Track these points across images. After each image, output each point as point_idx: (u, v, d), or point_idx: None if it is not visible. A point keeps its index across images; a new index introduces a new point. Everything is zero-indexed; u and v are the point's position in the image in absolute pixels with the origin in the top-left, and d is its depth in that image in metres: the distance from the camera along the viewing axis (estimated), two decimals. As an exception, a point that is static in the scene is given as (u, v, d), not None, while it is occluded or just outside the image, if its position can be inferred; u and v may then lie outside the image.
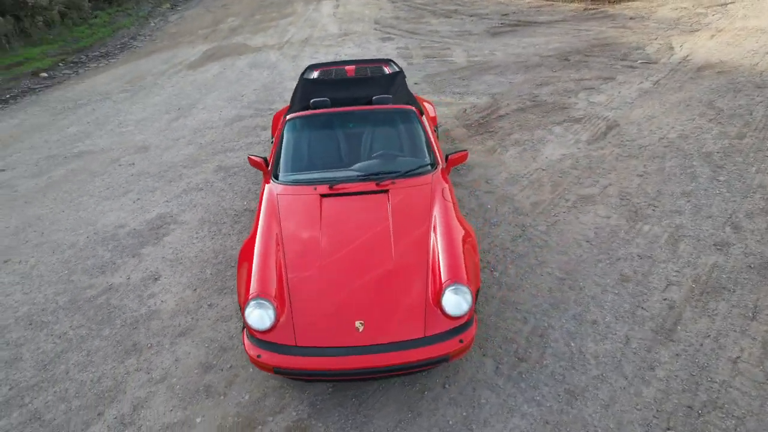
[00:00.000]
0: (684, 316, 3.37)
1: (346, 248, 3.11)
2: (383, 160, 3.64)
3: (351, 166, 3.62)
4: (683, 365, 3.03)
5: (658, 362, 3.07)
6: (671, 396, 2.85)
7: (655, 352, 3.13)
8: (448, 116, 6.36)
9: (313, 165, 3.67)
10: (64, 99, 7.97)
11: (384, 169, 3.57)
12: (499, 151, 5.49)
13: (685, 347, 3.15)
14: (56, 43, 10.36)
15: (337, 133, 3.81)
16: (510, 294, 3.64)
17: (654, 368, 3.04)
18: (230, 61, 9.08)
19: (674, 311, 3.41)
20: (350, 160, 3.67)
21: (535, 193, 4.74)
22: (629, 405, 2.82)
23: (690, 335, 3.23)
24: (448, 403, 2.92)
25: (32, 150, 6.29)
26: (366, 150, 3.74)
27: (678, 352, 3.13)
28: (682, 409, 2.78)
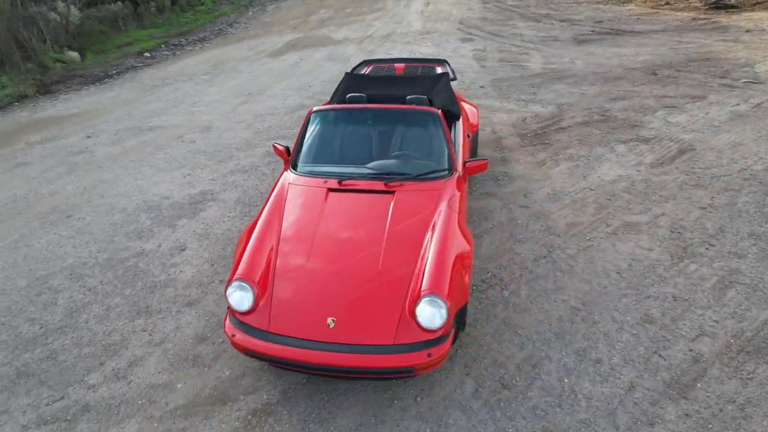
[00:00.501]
0: (709, 373, 2.96)
1: (338, 244, 3.11)
2: (399, 161, 3.58)
3: (367, 163, 3.60)
4: (691, 428, 2.67)
5: (660, 419, 2.72)
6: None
7: (661, 407, 2.78)
8: (505, 124, 6.09)
9: (329, 159, 3.70)
10: (155, 77, 8.75)
11: (397, 170, 3.51)
12: (548, 165, 5.17)
13: (700, 409, 2.76)
14: (163, 26, 11.40)
15: (358, 129, 3.80)
16: (514, 316, 3.42)
17: (654, 425, 2.70)
18: (309, 52, 9.39)
19: (699, 366, 3.00)
20: (367, 158, 3.64)
21: (574, 214, 4.40)
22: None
23: (710, 396, 2.83)
24: (414, 416, 2.81)
25: (116, 121, 6.98)
26: (384, 149, 3.70)
27: (689, 412, 2.75)
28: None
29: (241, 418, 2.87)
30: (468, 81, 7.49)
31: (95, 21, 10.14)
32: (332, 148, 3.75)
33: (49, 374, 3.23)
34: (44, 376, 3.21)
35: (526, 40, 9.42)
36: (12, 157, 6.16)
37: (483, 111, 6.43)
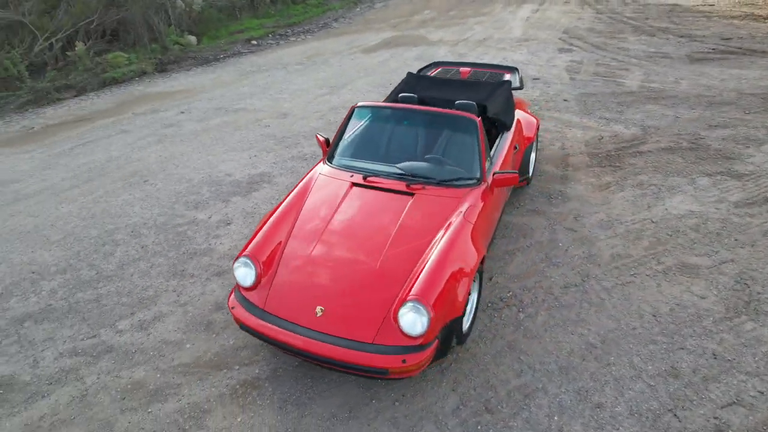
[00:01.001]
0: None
1: (345, 238, 3.16)
2: (428, 164, 3.53)
3: (398, 162, 3.60)
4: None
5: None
6: None
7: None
8: (578, 141, 5.70)
9: (363, 154, 3.75)
10: (254, 64, 9.41)
11: (422, 173, 3.47)
12: (611, 189, 4.76)
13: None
14: (275, 17, 12.20)
15: (394, 128, 3.81)
16: (522, 341, 3.23)
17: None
18: (401, 51, 9.50)
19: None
20: (399, 157, 3.64)
21: (624, 245, 4.02)
22: None
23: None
24: (388, 419, 2.78)
25: (209, 100, 7.63)
26: (418, 150, 3.67)
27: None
28: None
29: (229, 386, 3.04)
30: (552, 93, 7.11)
31: (215, 10, 11.17)
32: (367, 145, 3.80)
33: (91, 314, 3.67)
34: (87, 315, 3.66)
35: (630, 54, 8.70)
36: (118, 124, 7.02)
37: (558, 126, 6.09)
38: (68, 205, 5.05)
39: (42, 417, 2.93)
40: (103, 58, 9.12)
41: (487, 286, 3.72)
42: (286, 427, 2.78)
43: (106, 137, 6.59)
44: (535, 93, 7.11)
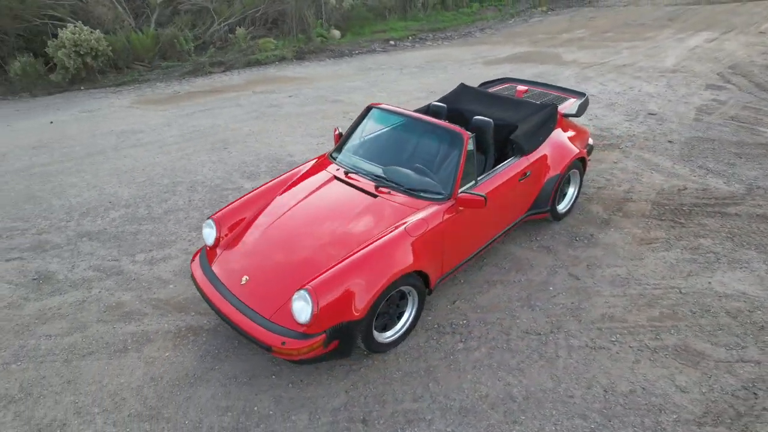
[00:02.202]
0: None
1: (300, 222, 3.35)
2: (410, 172, 3.52)
3: (386, 165, 3.65)
4: None
5: None
6: None
7: None
8: (653, 187, 4.94)
9: (360, 152, 3.86)
10: (377, 62, 9.90)
11: (396, 178, 3.49)
12: (655, 246, 4.09)
13: None
14: (422, 21, 12.56)
15: (394, 133, 3.84)
16: (443, 370, 3.08)
17: None
18: (524, 67, 9.11)
19: None
20: (389, 160, 3.68)
21: (625, 308, 3.48)
22: None
23: None
24: (274, 396, 2.94)
25: (317, 89, 8.32)
26: (405, 157, 3.66)
27: None
28: None
29: (177, 327, 3.48)
30: (660, 131, 6.21)
31: (366, 9, 11.96)
32: (366, 144, 3.91)
33: (125, 243, 4.46)
34: (122, 244, 4.45)
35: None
36: (237, 99, 8.10)
37: (641, 167, 5.36)
38: (162, 157, 6.09)
39: (51, 308, 3.73)
40: (256, 42, 10.52)
41: (446, 308, 3.57)
42: (196, 375, 3.11)
43: (221, 108, 7.68)
44: (640, 128, 6.29)
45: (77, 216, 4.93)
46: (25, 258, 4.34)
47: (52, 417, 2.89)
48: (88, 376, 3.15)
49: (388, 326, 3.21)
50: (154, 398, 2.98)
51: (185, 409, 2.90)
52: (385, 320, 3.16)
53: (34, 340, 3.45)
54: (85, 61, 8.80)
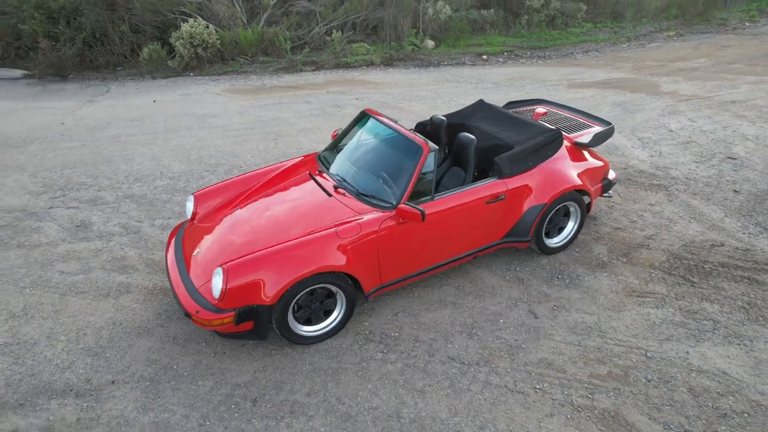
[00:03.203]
0: None
1: (261, 210, 3.62)
2: (367, 176, 3.61)
3: (357, 169, 3.76)
4: None
5: None
6: None
7: None
8: (682, 237, 4.36)
9: (339, 155, 4.01)
10: (457, 75, 9.82)
11: (353, 182, 3.59)
12: (644, 302, 3.65)
13: None
14: (523, 38, 12.12)
15: (372, 140, 3.91)
16: (350, 374, 3.14)
17: None
18: (608, 94, 8.43)
19: None
20: (361, 165, 3.78)
21: (570, 359, 3.21)
22: None
23: None
24: (189, 356, 3.22)
25: (384, 95, 8.54)
26: (375, 163, 3.72)
27: None
28: None
29: (155, 286, 3.94)
30: (729, 178, 5.39)
31: (466, 22, 11.88)
32: (347, 147, 4.03)
33: (154, 209, 5.09)
34: (152, 208, 5.09)
35: None
36: (309, 96, 8.64)
37: (680, 214, 4.77)
38: (221, 140, 6.78)
39: (75, 251, 4.43)
40: (350, 46, 11.07)
41: (386, 318, 3.58)
42: (146, 328, 3.53)
43: (291, 103, 8.27)
44: (706, 172, 5.53)
45: (131, 180, 5.74)
46: (80, 208, 5.18)
47: (30, 335, 3.49)
48: (71, 309, 3.73)
49: (313, 321, 3.33)
50: (107, 339, 3.44)
51: (123, 354, 3.31)
52: (307, 314, 3.28)
53: (51, 274, 4.14)
54: (196, 51, 10.05)
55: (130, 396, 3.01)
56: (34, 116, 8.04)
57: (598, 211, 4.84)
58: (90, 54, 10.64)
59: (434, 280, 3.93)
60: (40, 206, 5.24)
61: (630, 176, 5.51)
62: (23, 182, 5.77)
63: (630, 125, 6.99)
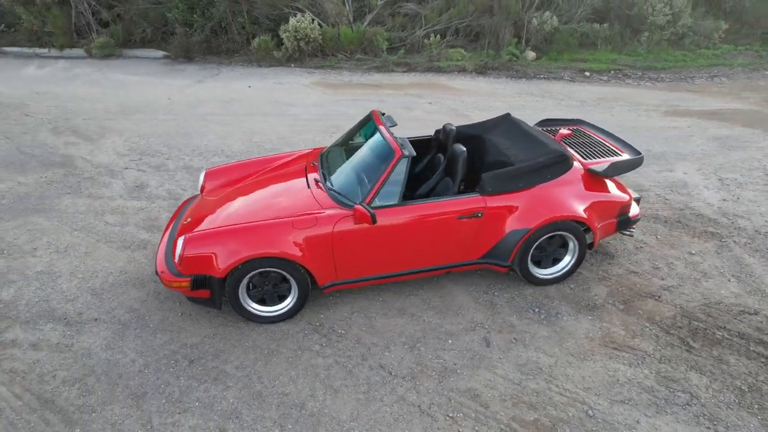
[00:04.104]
0: None
1: (251, 192, 3.94)
2: (348, 175, 3.69)
3: (342, 165, 3.88)
4: None
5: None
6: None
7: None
8: (708, 295, 3.76)
9: (336, 150, 4.18)
10: (545, 90, 9.25)
11: (335, 180, 3.70)
12: (615, 355, 3.26)
13: None
14: (638, 56, 10.92)
15: (362, 138, 3.98)
16: (275, 355, 3.26)
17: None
18: (709, 125, 7.33)
19: None
20: (351, 162, 3.88)
21: (505, 397, 3.03)
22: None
23: None
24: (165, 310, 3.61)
25: (458, 102, 8.39)
26: (360, 162, 3.77)
27: None
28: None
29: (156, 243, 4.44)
30: (817, 242, 4.47)
31: (571, 35, 11.07)
32: (346, 143, 4.15)
33: (188, 176, 5.68)
34: (195, 179, 5.69)
35: None
36: (385, 96, 8.82)
37: (727, 268, 4.14)
38: (285, 128, 7.26)
39: (124, 206, 5.15)
40: (447, 50, 11.01)
41: (341, 315, 3.68)
42: (141, 280, 4.03)
43: (366, 101, 8.53)
44: None
45: (195, 154, 6.44)
46: (146, 172, 5.98)
47: (59, 269, 4.17)
48: (97, 254, 4.37)
49: (267, 302, 3.53)
50: (110, 284, 4.00)
51: (114, 299, 3.83)
52: (261, 294, 3.48)
53: (97, 222, 4.88)
54: (299, 44, 10.80)
55: (102, 334, 3.49)
56: (152, 90, 9.33)
57: (620, 249, 4.36)
58: (215, 41, 12.00)
59: (404, 288, 3.90)
60: (120, 166, 6.14)
61: (683, 218, 4.84)
62: (117, 144, 6.79)
63: (717, 163, 6.09)
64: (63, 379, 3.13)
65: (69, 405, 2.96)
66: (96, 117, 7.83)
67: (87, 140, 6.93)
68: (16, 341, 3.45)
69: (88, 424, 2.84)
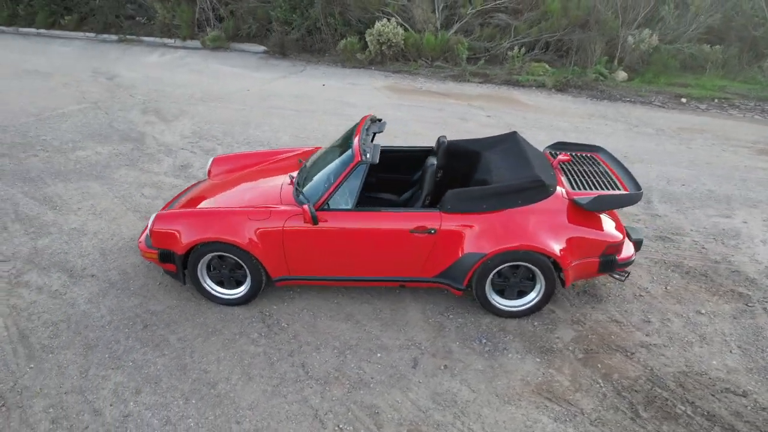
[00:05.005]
0: None
1: (241, 181, 4.24)
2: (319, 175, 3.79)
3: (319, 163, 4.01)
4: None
5: None
6: None
7: None
8: (697, 363, 3.27)
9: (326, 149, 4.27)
10: (623, 114, 8.39)
11: (305, 183, 3.80)
12: (542, 406, 2.94)
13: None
14: (755, 85, 9.38)
15: (346, 140, 4.04)
16: (216, 328, 3.45)
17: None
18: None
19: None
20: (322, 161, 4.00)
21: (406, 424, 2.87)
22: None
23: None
24: (149, 276, 4.01)
25: (519, 118, 7.99)
26: (327, 162, 3.86)
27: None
28: None
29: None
30: None
31: (673, 56, 9.83)
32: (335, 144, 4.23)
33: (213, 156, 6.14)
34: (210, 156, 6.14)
35: None
36: (447, 105, 8.69)
37: (736, 336, 3.58)
38: (333, 127, 7.49)
39: (162, 182, 5.75)
40: (529, 64, 10.51)
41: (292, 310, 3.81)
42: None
43: (425, 108, 8.50)
44: None
45: (244, 143, 6.96)
46: (196, 153, 6.60)
47: (89, 228, 4.82)
48: (122, 220, 4.97)
49: (225, 285, 3.76)
50: (118, 247, 4.54)
51: (115, 261, 4.35)
52: (220, 276, 3.72)
53: (136, 193, 5.52)
54: (381, 48, 11.05)
55: (91, 289, 3.99)
56: (240, 81, 10.18)
57: (614, 294, 3.92)
58: (309, 40, 12.73)
59: (362, 294, 3.91)
60: (178, 146, 6.84)
61: (712, 272, 4.19)
62: (185, 127, 7.56)
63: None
64: (44, 321, 3.65)
65: (37, 343, 3.45)
66: (180, 101, 8.78)
67: (163, 121, 7.81)
68: (29, 283, 4.07)
69: (42, 362, 3.29)
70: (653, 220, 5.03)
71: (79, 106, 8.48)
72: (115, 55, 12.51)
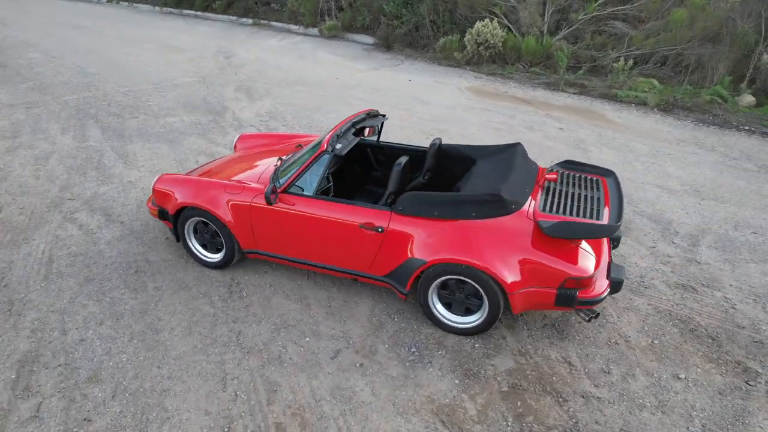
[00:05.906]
0: None
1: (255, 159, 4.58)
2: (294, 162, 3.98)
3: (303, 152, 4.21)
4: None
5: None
6: None
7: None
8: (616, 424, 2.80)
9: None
10: (721, 141, 7.11)
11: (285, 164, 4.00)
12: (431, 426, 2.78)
13: None
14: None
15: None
16: (182, 286, 3.84)
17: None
18: None
19: None
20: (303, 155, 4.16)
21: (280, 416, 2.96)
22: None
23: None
24: (161, 235, 4.58)
25: (594, 134, 7.25)
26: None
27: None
28: None
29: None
30: None
31: None
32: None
33: (286, 148, 6.58)
34: (285, 147, 6.59)
35: None
36: (521, 113, 8.22)
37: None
38: (397, 122, 7.59)
39: (208, 151, 6.40)
40: (636, 78, 9.42)
41: (258, 284, 4.09)
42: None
43: (497, 113, 8.17)
44: None
45: (306, 126, 7.42)
46: (260, 130, 7.18)
47: (140, 183, 5.60)
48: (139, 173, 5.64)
49: (207, 249, 4.16)
50: (138, 205, 5.17)
51: (144, 213, 5.01)
52: (204, 241, 4.13)
53: (191, 158, 6.22)
54: (479, 49, 10.77)
55: (114, 233, 4.69)
56: (334, 69, 10.73)
57: (586, 334, 3.53)
58: (416, 35, 12.88)
59: (324, 282, 4.06)
60: (249, 122, 7.52)
61: (726, 336, 3.54)
62: (264, 106, 8.25)
63: None
64: (69, 252, 4.39)
65: (56, 268, 4.19)
66: (272, 83, 9.55)
67: (248, 99, 8.60)
68: (77, 219, 4.89)
69: (50, 284, 3.99)
70: (686, 265, 4.36)
71: (190, 79, 9.69)
72: (243, 37, 13.88)
